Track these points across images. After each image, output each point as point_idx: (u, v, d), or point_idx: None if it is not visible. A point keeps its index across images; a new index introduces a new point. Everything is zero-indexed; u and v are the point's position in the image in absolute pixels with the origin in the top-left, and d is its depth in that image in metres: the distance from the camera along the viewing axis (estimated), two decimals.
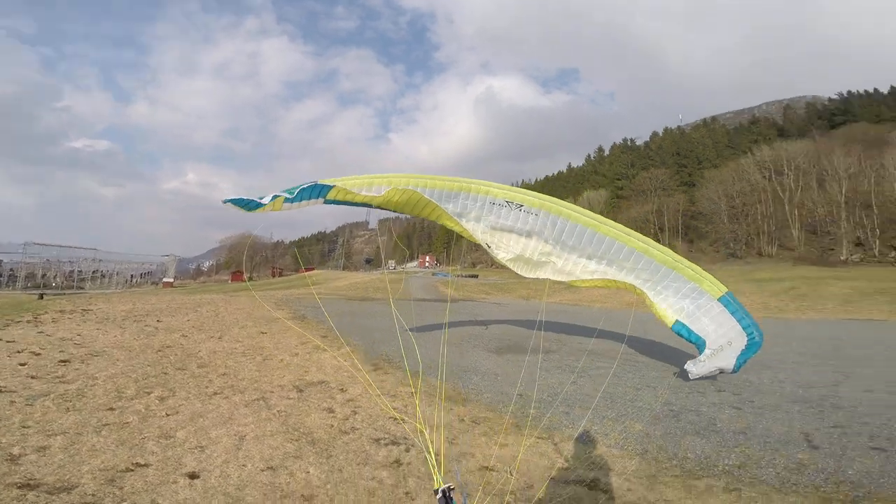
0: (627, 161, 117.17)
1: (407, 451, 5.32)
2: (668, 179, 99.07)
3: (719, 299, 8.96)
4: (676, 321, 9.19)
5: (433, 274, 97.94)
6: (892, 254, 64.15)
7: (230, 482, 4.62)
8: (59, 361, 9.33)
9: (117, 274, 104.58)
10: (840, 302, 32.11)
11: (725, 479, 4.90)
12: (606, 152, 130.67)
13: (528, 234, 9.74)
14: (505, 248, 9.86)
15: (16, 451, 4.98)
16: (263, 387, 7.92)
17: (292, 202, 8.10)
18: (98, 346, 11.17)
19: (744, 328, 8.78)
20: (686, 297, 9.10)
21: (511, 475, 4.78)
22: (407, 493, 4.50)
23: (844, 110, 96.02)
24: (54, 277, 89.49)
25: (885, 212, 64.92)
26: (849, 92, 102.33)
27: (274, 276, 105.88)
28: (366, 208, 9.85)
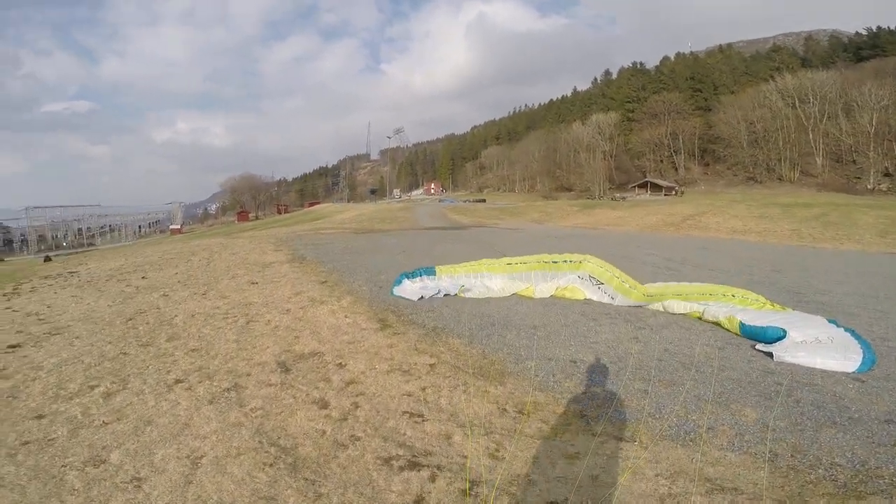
0: (638, 84, 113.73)
1: (432, 479, 3.60)
2: (682, 103, 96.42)
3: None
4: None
5: (440, 201, 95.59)
6: None
7: None
8: (8, 347, 7.78)
9: (125, 226, 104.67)
10: (878, 233, 29.78)
11: None
12: (614, 76, 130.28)
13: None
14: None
15: None
16: (239, 366, 6.22)
17: (413, 277, 10.29)
18: (63, 321, 9.62)
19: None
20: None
21: None
22: None
23: (873, 45, 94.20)
24: (64, 237, 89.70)
25: None
26: (878, 27, 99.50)
27: (280, 214, 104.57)
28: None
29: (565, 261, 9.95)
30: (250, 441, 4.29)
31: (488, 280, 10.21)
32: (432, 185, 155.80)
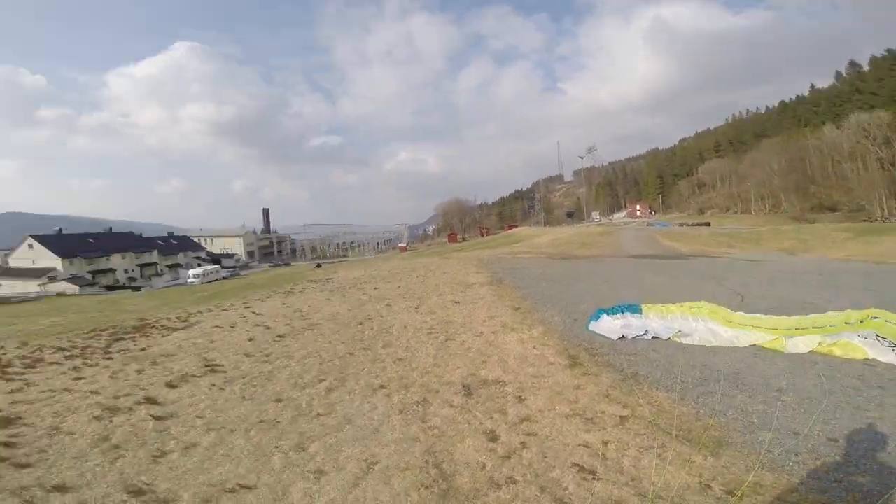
0: None
1: None
2: None
3: None
4: None
5: (648, 224, 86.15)
6: None
7: None
8: (277, 336, 10.21)
9: (367, 243, 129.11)
10: None
11: None
12: (865, 67, 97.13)
13: None
14: None
15: (169, 446, 4.89)
16: (431, 382, 6.64)
17: (613, 313, 9.51)
18: (316, 319, 12.17)
19: None
20: None
21: None
22: None
23: None
24: (328, 249, 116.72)
25: None
26: None
27: (482, 236, 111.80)
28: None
29: (846, 322, 7.44)
30: (419, 458, 4.45)
31: (715, 324, 8.50)
32: (638, 207, 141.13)
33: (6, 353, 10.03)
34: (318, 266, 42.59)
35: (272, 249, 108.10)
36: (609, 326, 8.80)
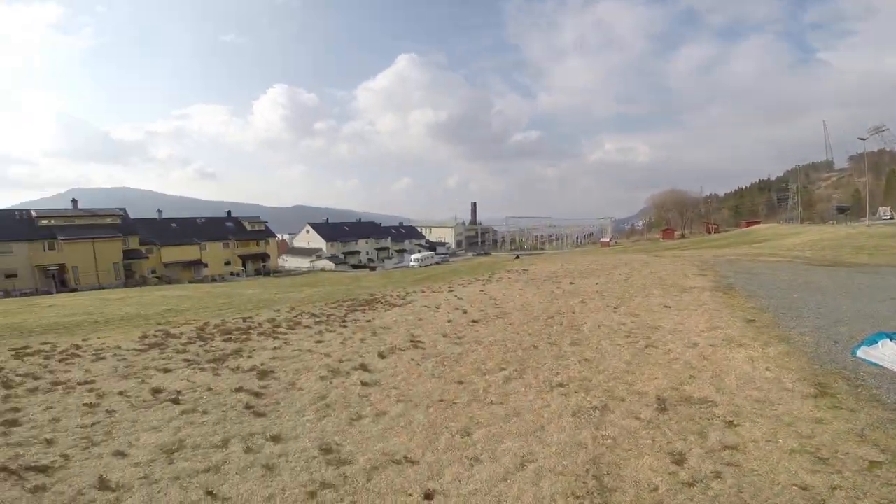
0: None
1: None
2: None
3: None
4: None
5: None
6: None
7: None
8: (471, 321, 10.63)
9: (566, 236, 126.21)
10: None
11: None
12: None
13: None
14: None
15: (366, 411, 5.40)
16: (618, 389, 5.79)
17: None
18: (508, 308, 12.27)
19: None
20: None
21: None
22: None
23: None
24: (526, 241, 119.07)
25: None
26: None
27: (709, 233, 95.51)
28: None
29: None
30: (579, 466, 3.98)
31: None
32: None
33: (280, 315, 13.25)
34: (517, 257, 43.73)
35: (477, 239, 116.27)
36: (893, 355, 6.27)
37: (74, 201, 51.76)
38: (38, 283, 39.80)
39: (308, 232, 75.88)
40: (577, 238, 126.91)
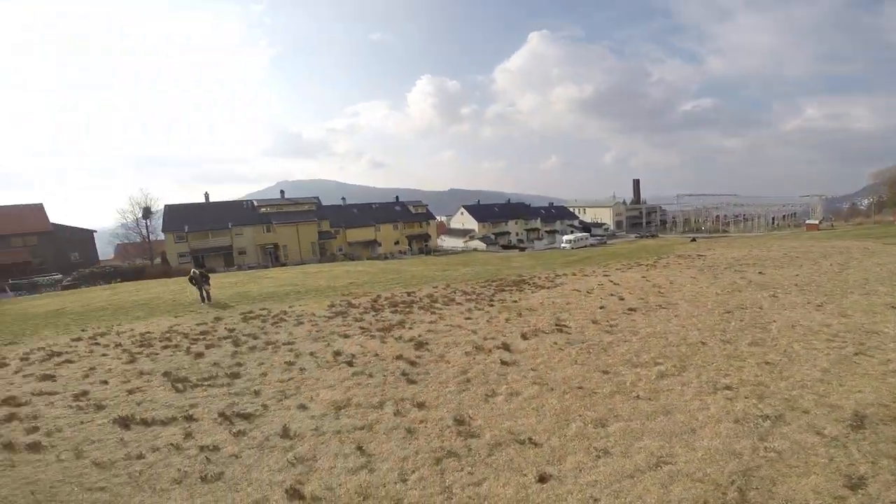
0: None
1: None
2: None
3: None
4: None
5: None
6: None
7: None
8: (627, 309, 9.84)
9: (758, 217, 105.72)
10: None
11: None
12: None
13: None
14: None
15: (501, 389, 5.48)
16: (803, 399, 4.77)
17: None
18: (675, 298, 10.99)
19: None
20: None
21: None
22: None
23: None
24: (703, 222, 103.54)
25: None
26: None
27: None
28: None
29: None
30: (724, 476, 3.54)
31: None
32: None
33: (437, 291, 14.28)
34: (693, 240, 38.52)
35: (640, 220, 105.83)
36: None
37: (282, 192, 63.81)
38: (259, 259, 50.61)
39: (462, 214, 79.56)
40: (773, 219, 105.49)
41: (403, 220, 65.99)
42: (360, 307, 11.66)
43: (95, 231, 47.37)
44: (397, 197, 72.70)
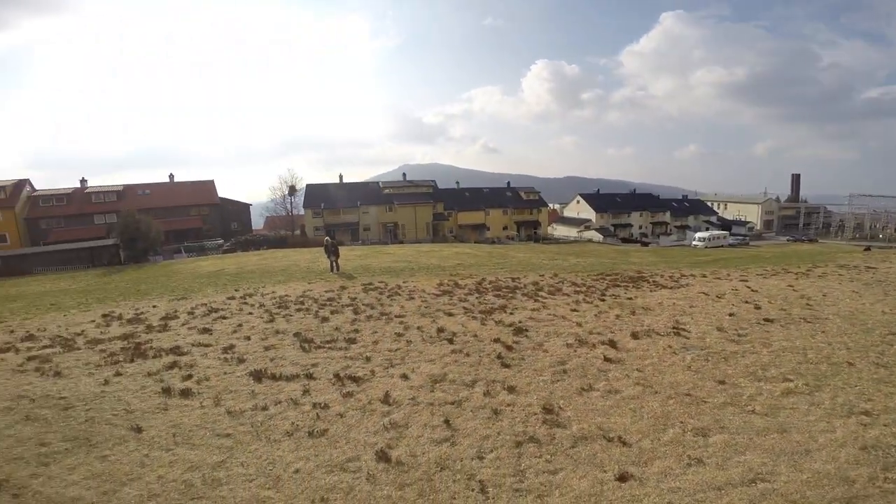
0: None
1: None
2: None
3: None
4: None
5: None
6: None
7: None
8: (763, 319, 8.66)
9: None
10: None
11: None
12: None
13: None
14: None
15: (598, 385, 5.33)
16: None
17: None
18: (827, 312, 9.34)
19: None
20: None
21: None
22: None
23: None
24: (882, 229, 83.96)
25: None
26: None
27: None
28: None
29: None
30: (824, 501, 3.14)
31: None
32: None
33: (543, 279, 14.07)
34: (867, 249, 31.95)
35: (797, 221, 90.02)
36: None
37: (404, 175, 67.69)
38: (381, 236, 54.81)
39: (578, 202, 75.97)
40: None
41: (514, 205, 65.48)
42: (466, 288, 12.07)
43: (251, 204, 55.64)
44: (509, 182, 72.18)
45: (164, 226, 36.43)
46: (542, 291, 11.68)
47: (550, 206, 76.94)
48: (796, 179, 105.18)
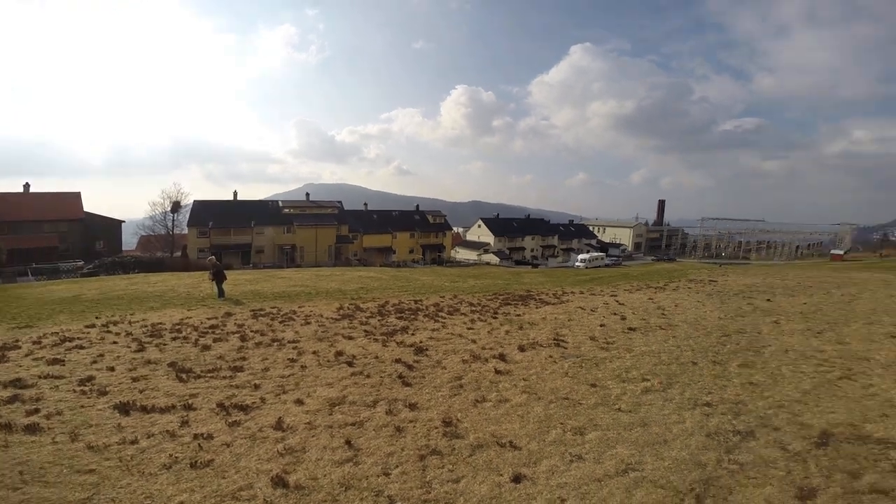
0: None
1: None
2: None
3: None
4: None
5: None
6: None
7: None
8: (627, 328, 9.97)
9: (782, 245, 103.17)
10: None
11: None
12: None
13: None
14: None
15: (490, 396, 5.65)
16: (777, 418, 4.94)
17: None
18: (677, 320, 11.07)
19: None
20: None
21: None
22: None
23: None
24: (724, 248, 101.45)
25: None
26: None
27: None
28: None
29: None
30: (685, 484, 3.81)
31: None
32: None
33: (444, 301, 14.57)
34: (720, 265, 38.10)
35: (660, 243, 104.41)
36: None
37: (307, 195, 65.18)
38: (276, 258, 51.76)
39: (479, 226, 79.96)
40: (798, 248, 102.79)
41: (421, 229, 66.56)
42: (368, 311, 12.03)
43: (124, 221, 49.00)
44: (418, 206, 73.35)
45: (5, 244, 30.55)
46: (442, 312, 12.10)
47: (455, 229, 79.54)
48: (661, 205, 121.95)
